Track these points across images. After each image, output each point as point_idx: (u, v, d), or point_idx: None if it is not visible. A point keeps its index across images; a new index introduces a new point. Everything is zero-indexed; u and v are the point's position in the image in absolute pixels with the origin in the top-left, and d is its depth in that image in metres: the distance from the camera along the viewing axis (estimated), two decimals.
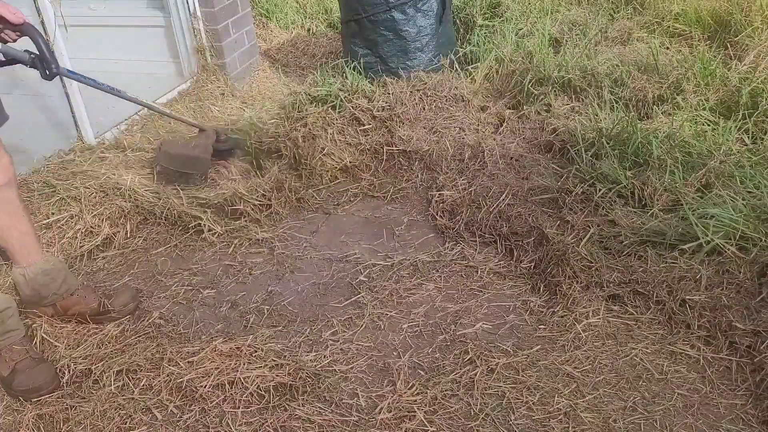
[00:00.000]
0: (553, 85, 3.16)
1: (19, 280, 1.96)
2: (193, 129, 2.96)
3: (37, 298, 1.99)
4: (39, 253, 1.97)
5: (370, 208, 2.65)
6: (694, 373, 1.79)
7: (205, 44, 3.65)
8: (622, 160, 2.54)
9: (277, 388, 1.79)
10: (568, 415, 1.67)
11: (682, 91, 2.96)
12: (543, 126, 2.96)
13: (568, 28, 3.84)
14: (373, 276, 2.24)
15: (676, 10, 3.80)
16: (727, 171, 2.34)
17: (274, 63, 4.15)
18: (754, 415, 1.65)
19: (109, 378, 1.85)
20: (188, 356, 1.89)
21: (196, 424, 1.72)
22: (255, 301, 2.16)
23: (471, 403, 1.73)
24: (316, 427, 1.69)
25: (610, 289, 2.04)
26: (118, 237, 2.49)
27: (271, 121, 3.08)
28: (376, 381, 1.83)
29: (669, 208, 2.31)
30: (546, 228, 2.27)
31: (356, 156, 2.81)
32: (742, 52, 3.24)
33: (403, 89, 3.05)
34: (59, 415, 1.77)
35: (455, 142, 2.80)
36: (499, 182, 2.56)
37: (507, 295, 2.13)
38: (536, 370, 1.82)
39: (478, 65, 3.44)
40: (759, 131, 2.67)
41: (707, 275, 1.97)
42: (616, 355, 1.86)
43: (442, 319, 2.04)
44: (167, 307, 2.16)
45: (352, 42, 3.47)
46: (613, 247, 2.18)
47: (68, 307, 2.05)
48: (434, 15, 3.35)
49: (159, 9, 3.68)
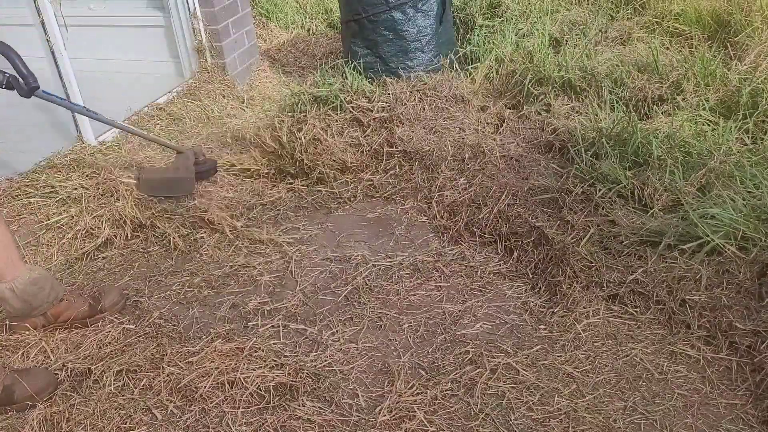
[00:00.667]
0: (553, 85, 3.16)
1: (7, 295, 1.89)
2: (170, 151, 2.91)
3: (28, 309, 1.95)
4: (22, 265, 1.92)
5: (370, 208, 2.65)
6: (694, 373, 1.79)
7: (205, 44, 3.65)
8: (622, 160, 2.54)
9: (277, 388, 1.79)
10: (568, 415, 1.67)
11: (682, 91, 2.96)
12: (543, 126, 2.95)
13: (568, 28, 3.84)
14: (373, 276, 2.24)
15: (676, 10, 3.80)
16: (727, 171, 2.34)
17: (274, 63, 4.15)
18: (754, 415, 1.65)
19: (109, 378, 1.85)
20: (188, 356, 1.89)
21: (196, 424, 1.72)
22: (255, 301, 2.16)
23: (471, 403, 1.73)
24: (316, 427, 1.69)
25: (610, 289, 2.04)
26: (119, 237, 2.48)
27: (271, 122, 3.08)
28: (376, 381, 1.83)
29: (669, 208, 2.31)
30: (546, 228, 2.28)
31: (356, 156, 2.81)
32: (742, 52, 3.24)
33: (403, 89, 3.05)
34: (59, 415, 1.76)
35: (455, 142, 2.80)
36: (499, 182, 2.56)
37: (507, 295, 2.13)
38: (536, 370, 1.82)
39: (478, 65, 3.44)
40: (759, 131, 2.67)
41: (707, 275, 1.97)
42: (616, 355, 1.86)
43: (442, 319, 2.04)
44: (167, 307, 2.16)
45: (352, 42, 3.47)
46: (613, 247, 2.18)
47: (58, 314, 2.03)
48: (434, 15, 3.35)
49: (159, 9, 3.68)
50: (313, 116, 2.90)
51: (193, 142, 3.13)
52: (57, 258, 2.38)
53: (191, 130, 3.30)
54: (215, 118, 3.41)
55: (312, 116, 2.90)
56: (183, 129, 3.29)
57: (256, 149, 2.95)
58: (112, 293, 2.13)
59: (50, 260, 2.37)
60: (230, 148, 3.11)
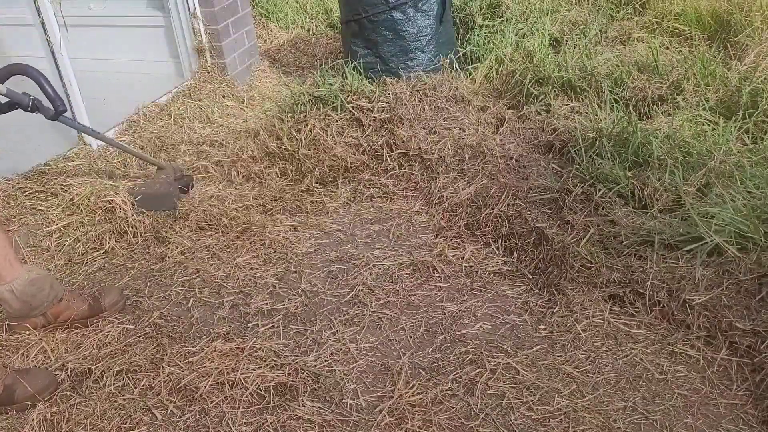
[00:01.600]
0: (553, 85, 3.16)
1: (6, 296, 1.90)
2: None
3: (28, 309, 1.95)
4: (20, 265, 1.92)
5: (370, 209, 2.65)
6: (694, 373, 1.79)
7: (205, 44, 3.65)
8: (622, 160, 2.54)
9: (277, 388, 1.79)
10: (568, 415, 1.67)
11: (682, 91, 2.96)
12: (543, 126, 2.96)
13: (568, 28, 3.84)
14: (373, 276, 2.24)
15: (676, 10, 3.80)
16: (727, 171, 2.34)
17: (274, 63, 4.15)
18: (754, 415, 1.65)
19: (109, 378, 1.85)
20: (188, 356, 1.89)
21: (196, 424, 1.72)
22: (255, 302, 2.16)
23: (471, 403, 1.73)
24: (316, 427, 1.69)
25: (610, 289, 2.04)
26: (122, 240, 2.48)
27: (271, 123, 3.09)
28: (377, 381, 1.83)
29: (669, 208, 2.31)
30: (546, 228, 2.28)
31: (356, 156, 2.81)
32: (742, 52, 3.24)
33: (403, 89, 3.05)
34: (59, 415, 1.76)
35: (455, 142, 2.80)
36: (499, 182, 2.56)
37: (507, 295, 2.13)
38: (536, 370, 1.82)
39: (478, 65, 3.44)
40: (759, 131, 2.67)
41: (707, 275, 1.97)
42: (616, 355, 1.86)
43: (442, 319, 2.04)
44: (167, 307, 2.16)
45: (352, 42, 3.47)
46: (613, 247, 2.18)
47: (58, 314, 2.03)
48: (434, 15, 3.35)
49: (159, 9, 3.68)
50: (313, 116, 2.90)
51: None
52: (57, 259, 2.38)
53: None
54: (215, 118, 3.40)
55: (312, 116, 2.90)
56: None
57: (256, 149, 2.95)
58: (112, 293, 2.13)
59: (50, 260, 2.37)
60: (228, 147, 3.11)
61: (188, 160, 2.97)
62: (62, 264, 2.37)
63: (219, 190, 2.76)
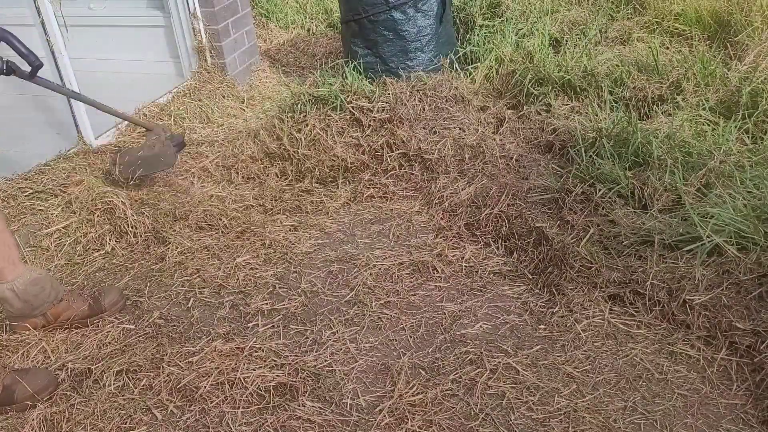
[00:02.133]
0: (553, 85, 3.16)
1: (7, 296, 1.89)
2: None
3: (29, 309, 1.96)
4: (22, 265, 1.92)
5: (370, 209, 2.65)
6: (694, 373, 1.79)
7: (205, 44, 3.65)
8: (622, 160, 2.54)
9: (277, 388, 1.79)
10: (568, 415, 1.67)
11: (682, 91, 2.96)
12: (543, 126, 2.96)
13: (568, 28, 3.84)
14: (373, 276, 2.24)
15: (676, 10, 3.80)
16: (727, 171, 2.34)
17: (274, 63, 4.15)
18: (754, 415, 1.65)
19: (109, 378, 1.85)
20: (188, 356, 1.89)
21: (196, 424, 1.72)
22: (255, 302, 2.16)
23: (471, 403, 1.73)
24: (316, 427, 1.69)
25: (610, 289, 2.04)
26: (122, 240, 2.48)
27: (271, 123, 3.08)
28: (377, 381, 1.83)
29: (669, 208, 2.31)
30: (546, 228, 2.28)
31: (356, 156, 2.81)
32: (742, 52, 3.24)
33: (403, 89, 3.05)
34: (59, 415, 1.76)
35: (455, 142, 2.80)
36: (499, 182, 2.56)
37: (507, 295, 2.13)
38: (536, 370, 1.82)
39: (478, 65, 3.44)
40: (759, 131, 2.67)
41: (707, 275, 1.97)
42: (616, 355, 1.86)
43: (442, 319, 2.04)
44: (167, 307, 2.16)
45: (352, 42, 3.47)
46: (613, 247, 2.17)
47: (58, 314, 2.03)
48: (434, 15, 3.35)
49: (159, 9, 3.68)
50: (313, 116, 2.90)
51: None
52: (57, 259, 2.38)
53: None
54: (215, 118, 3.40)
55: (312, 116, 2.90)
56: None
57: (256, 149, 2.95)
58: (112, 293, 2.13)
59: (51, 260, 2.37)
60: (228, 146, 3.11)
61: (188, 160, 2.97)
62: (62, 264, 2.37)
63: (219, 190, 2.76)
